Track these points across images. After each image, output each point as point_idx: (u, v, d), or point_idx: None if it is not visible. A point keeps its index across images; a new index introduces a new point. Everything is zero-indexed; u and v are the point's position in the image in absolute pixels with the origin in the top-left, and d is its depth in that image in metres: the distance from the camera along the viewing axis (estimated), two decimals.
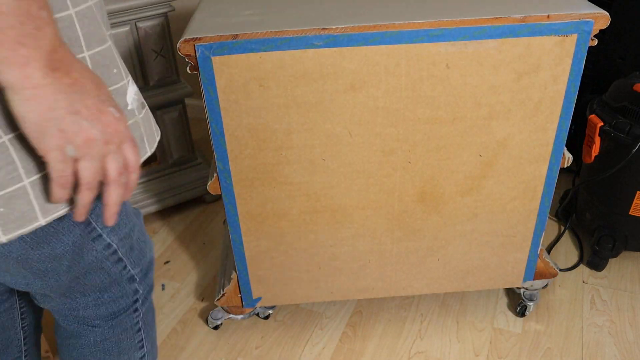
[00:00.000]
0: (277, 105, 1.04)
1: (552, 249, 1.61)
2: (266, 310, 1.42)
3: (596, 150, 1.45)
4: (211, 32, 0.97)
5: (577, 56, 1.03)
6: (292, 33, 0.96)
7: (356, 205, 1.18)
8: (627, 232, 1.49)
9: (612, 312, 1.41)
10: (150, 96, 1.61)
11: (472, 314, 1.42)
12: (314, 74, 1.01)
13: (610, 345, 1.32)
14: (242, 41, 0.96)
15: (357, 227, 1.21)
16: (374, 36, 0.97)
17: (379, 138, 1.09)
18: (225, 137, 1.07)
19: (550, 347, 1.33)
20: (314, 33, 0.96)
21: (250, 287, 1.30)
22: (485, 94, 1.06)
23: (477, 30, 0.98)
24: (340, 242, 1.23)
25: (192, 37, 0.95)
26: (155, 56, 1.56)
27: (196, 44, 0.96)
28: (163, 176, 1.77)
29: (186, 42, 0.96)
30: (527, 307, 1.38)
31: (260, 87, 1.01)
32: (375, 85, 1.03)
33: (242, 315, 1.39)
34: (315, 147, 1.09)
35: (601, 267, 1.52)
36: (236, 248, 1.23)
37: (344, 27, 0.96)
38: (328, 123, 1.07)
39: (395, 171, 1.14)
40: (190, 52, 0.97)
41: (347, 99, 1.04)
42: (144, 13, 1.49)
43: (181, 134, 1.73)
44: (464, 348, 1.33)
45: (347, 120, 1.06)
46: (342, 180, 1.14)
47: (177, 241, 1.73)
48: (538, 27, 0.99)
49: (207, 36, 0.96)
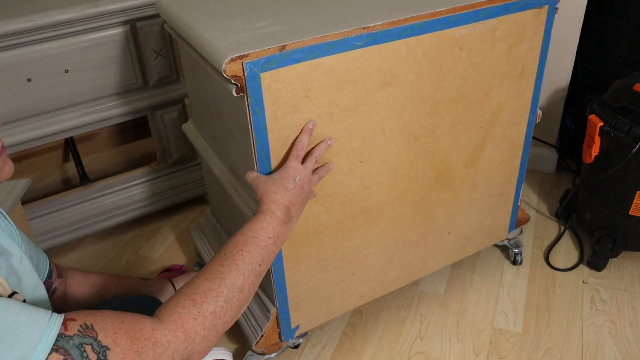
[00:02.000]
0: (322, 114, 1.00)
1: (552, 249, 1.61)
2: (297, 340, 1.31)
3: (596, 150, 1.45)
4: (254, 47, 0.88)
5: (547, 25, 1.19)
6: (335, 37, 0.93)
7: (385, 200, 1.18)
8: (627, 232, 1.49)
9: (612, 312, 1.41)
10: (150, 96, 1.61)
11: (472, 314, 1.42)
12: (355, 75, 0.99)
13: (610, 345, 1.32)
14: (290, 52, 0.90)
15: (385, 222, 1.22)
16: (406, 29, 1.00)
17: (407, 129, 1.12)
18: (271, 159, 0.99)
19: (550, 347, 1.33)
20: (355, 33, 0.95)
21: (289, 317, 1.20)
22: (487, 69, 1.16)
23: (483, 11, 1.07)
24: (371, 242, 1.22)
25: (238, 55, 0.86)
26: (155, 56, 1.56)
27: (244, 62, 0.87)
28: (163, 176, 1.77)
29: (233, 62, 0.86)
30: (519, 254, 1.55)
31: (307, 98, 0.96)
32: (404, 77, 1.05)
33: (276, 353, 1.24)
34: (354, 150, 1.08)
35: (601, 267, 1.52)
36: (278, 280, 1.13)
37: (382, 23, 0.97)
38: (365, 123, 1.06)
39: (417, 158, 1.17)
40: (238, 72, 0.88)
41: (382, 96, 1.05)
42: (144, 13, 1.49)
43: (181, 134, 1.73)
44: (464, 348, 1.33)
45: (382, 117, 1.07)
46: (375, 179, 1.14)
47: (178, 241, 1.73)
48: (524, 2, 1.12)
49: (254, 52, 0.88)
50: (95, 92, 1.52)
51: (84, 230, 1.66)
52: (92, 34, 1.45)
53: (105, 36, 1.47)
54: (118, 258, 1.68)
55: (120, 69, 1.53)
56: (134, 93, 1.59)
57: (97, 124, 1.58)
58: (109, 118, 1.57)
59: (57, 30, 1.39)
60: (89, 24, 1.43)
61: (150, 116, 1.66)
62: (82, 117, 1.53)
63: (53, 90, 1.46)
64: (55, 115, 1.50)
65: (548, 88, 1.79)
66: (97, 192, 1.69)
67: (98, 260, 1.67)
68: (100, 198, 1.69)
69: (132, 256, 1.68)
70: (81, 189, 1.67)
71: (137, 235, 1.76)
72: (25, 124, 1.48)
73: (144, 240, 1.75)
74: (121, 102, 1.58)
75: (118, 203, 1.71)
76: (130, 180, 1.73)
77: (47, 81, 1.44)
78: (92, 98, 1.53)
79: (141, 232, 1.78)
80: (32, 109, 1.46)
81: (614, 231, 1.50)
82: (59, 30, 1.39)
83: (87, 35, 1.45)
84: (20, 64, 1.39)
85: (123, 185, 1.72)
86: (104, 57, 1.49)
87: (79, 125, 1.54)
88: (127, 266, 1.64)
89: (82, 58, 1.46)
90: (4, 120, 1.44)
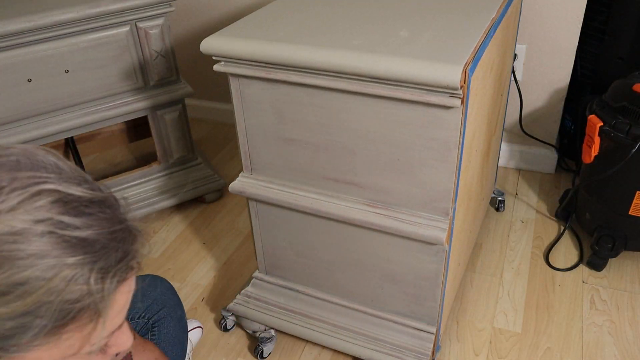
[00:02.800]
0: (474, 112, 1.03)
1: (552, 248, 1.61)
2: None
3: (596, 150, 1.45)
4: (462, 53, 0.86)
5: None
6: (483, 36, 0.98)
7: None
8: (626, 232, 1.49)
9: (611, 312, 1.41)
10: (151, 96, 1.61)
11: (472, 314, 1.42)
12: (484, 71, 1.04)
13: (610, 345, 1.32)
14: (477, 52, 0.91)
15: None
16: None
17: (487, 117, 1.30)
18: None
19: (550, 347, 1.33)
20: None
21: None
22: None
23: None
24: None
25: (463, 64, 0.84)
26: (155, 56, 1.56)
27: (468, 69, 0.85)
28: (163, 176, 1.77)
29: (462, 72, 0.83)
30: (502, 201, 1.77)
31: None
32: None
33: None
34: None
35: (601, 267, 1.52)
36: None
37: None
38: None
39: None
40: (463, 82, 0.84)
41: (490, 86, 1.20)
42: (144, 13, 1.49)
43: (181, 134, 1.73)
44: (463, 348, 1.33)
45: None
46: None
47: (178, 241, 1.73)
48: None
49: (467, 57, 0.86)
50: (95, 92, 1.53)
51: None
52: (92, 34, 1.45)
53: (105, 36, 1.47)
54: None
55: (121, 69, 1.53)
56: (134, 93, 1.59)
57: (97, 124, 1.58)
58: (109, 118, 1.58)
59: (57, 30, 1.39)
60: (89, 24, 1.43)
61: (150, 116, 1.66)
62: (82, 117, 1.53)
63: (53, 90, 1.46)
64: (55, 115, 1.51)
65: (548, 88, 1.79)
66: None
67: None
68: None
69: None
70: None
71: None
72: (25, 124, 1.48)
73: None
74: (121, 102, 1.58)
75: None
76: (130, 180, 1.73)
77: (47, 81, 1.44)
78: (92, 98, 1.53)
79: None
80: (32, 109, 1.46)
81: (614, 231, 1.50)
82: (59, 30, 1.40)
83: (87, 35, 1.45)
84: (20, 64, 1.39)
85: (123, 185, 1.72)
86: (104, 57, 1.49)
87: (79, 125, 1.54)
88: None
89: (82, 58, 1.46)
90: (5, 120, 1.44)
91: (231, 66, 1.02)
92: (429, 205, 1.01)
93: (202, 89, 2.35)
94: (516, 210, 1.77)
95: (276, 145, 1.09)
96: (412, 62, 0.86)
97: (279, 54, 0.95)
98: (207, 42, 1.01)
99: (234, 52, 0.99)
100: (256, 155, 1.14)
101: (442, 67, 0.84)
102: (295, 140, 1.06)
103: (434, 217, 1.03)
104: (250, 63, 1.00)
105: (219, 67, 1.04)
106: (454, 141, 0.92)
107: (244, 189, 1.17)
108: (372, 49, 0.91)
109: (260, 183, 1.16)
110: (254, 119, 1.08)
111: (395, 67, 0.87)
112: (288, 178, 1.13)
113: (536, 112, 1.84)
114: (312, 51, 0.93)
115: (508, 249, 1.62)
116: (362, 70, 0.89)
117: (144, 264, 1.72)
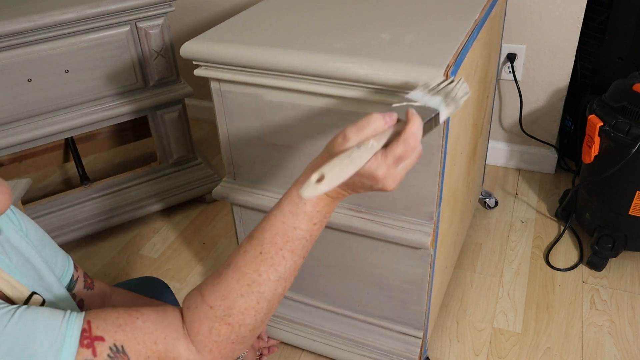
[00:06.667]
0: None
1: (552, 248, 1.61)
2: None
3: (596, 150, 1.45)
4: (444, 56, 0.87)
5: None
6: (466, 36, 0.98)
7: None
8: (626, 232, 1.49)
9: (611, 312, 1.41)
10: (151, 96, 1.61)
11: (472, 314, 1.42)
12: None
13: (610, 345, 1.32)
14: (460, 53, 0.92)
15: None
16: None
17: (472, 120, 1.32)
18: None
19: (550, 347, 1.33)
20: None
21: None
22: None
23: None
24: None
25: (444, 66, 0.84)
26: (155, 56, 1.56)
27: (449, 72, 0.86)
28: (163, 176, 1.77)
29: (444, 75, 0.85)
30: (488, 205, 1.78)
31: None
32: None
33: None
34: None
35: (601, 267, 1.52)
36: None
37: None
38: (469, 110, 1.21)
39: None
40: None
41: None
42: (144, 13, 1.49)
43: (181, 134, 1.73)
44: (463, 348, 1.33)
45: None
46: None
47: (178, 241, 1.73)
48: None
49: (449, 59, 0.87)
50: (95, 92, 1.53)
51: (84, 230, 1.66)
52: (92, 34, 1.45)
53: (105, 36, 1.47)
54: (118, 258, 1.68)
55: (121, 69, 1.53)
56: (134, 93, 1.59)
57: (97, 124, 1.58)
58: (109, 118, 1.58)
59: (58, 30, 1.39)
60: (89, 24, 1.43)
61: (150, 116, 1.66)
62: (82, 117, 1.53)
63: (53, 90, 1.46)
64: (55, 115, 1.51)
65: (548, 88, 1.79)
66: (97, 192, 1.69)
67: (98, 260, 1.67)
68: (100, 198, 1.69)
69: (132, 256, 1.68)
70: (81, 189, 1.67)
71: (137, 235, 1.76)
72: (25, 124, 1.48)
73: (144, 240, 1.75)
74: (121, 102, 1.58)
75: (118, 203, 1.71)
76: (130, 180, 1.73)
77: (47, 81, 1.44)
78: (92, 98, 1.53)
79: (141, 232, 1.78)
80: (32, 109, 1.46)
81: (614, 231, 1.50)
82: (59, 30, 1.40)
83: (87, 35, 1.45)
84: (20, 64, 1.39)
85: (123, 185, 1.72)
86: (104, 57, 1.49)
87: (79, 125, 1.54)
88: (127, 266, 1.64)
89: (82, 58, 1.46)
90: (5, 120, 1.44)
91: (211, 70, 1.00)
92: (413, 210, 1.01)
93: (202, 89, 2.34)
94: (516, 210, 1.77)
95: (259, 150, 1.07)
96: (394, 65, 0.85)
97: (259, 58, 0.93)
98: (186, 47, 0.98)
99: (214, 56, 0.97)
100: (239, 160, 1.12)
101: (423, 69, 0.83)
102: (278, 145, 1.05)
103: (419, 221, 1.01)
104: (230, 67, 0.98)
105: (199, 72, 1.01)
106: (437, 145, 0.92)
107: (227, 194, 1.15)
108: (354, 52, 0.90)
109: (243, 188, 1.15)
110: (236, 123, 1.06)
111: (376, 70, 0.86)
112: (271, 183, 1.11)
113: (536, 112, 1.85)
114: (293, 55, 0.92)
115: (508, 249, 1.62)
116: (343, 73, 0.88)
117: (145, 264, 1.72)
